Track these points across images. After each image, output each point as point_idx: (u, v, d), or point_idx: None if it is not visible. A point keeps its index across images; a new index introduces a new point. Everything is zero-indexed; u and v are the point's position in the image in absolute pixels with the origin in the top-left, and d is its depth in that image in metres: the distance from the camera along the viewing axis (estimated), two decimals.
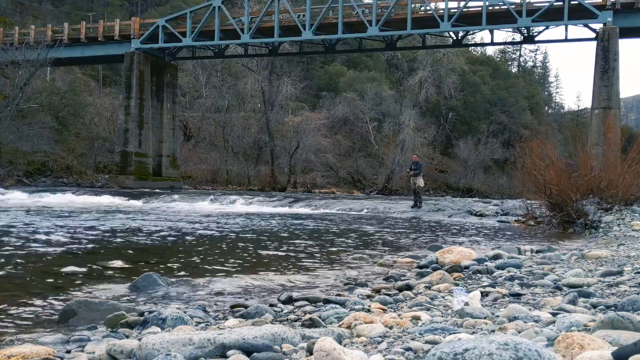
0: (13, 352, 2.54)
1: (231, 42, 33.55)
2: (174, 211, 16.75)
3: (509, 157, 46.88)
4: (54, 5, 49.78)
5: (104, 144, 37.89)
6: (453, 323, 2.94)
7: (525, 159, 14.04)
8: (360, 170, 46.65)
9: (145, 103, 33.38)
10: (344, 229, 11.77)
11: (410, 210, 18.08)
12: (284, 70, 45.68)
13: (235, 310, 3.80)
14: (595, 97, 26.80)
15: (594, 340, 2.04)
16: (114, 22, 34.49)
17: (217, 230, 10.80)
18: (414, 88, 45.37)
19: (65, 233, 9.09)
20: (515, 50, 75.46)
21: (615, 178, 13.23)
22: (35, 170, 32.17)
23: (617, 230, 9.80)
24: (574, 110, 75.67)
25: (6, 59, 32.23)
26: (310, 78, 53.84)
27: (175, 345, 2.36)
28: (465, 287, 4.37)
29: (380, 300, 3.94)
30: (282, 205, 20.59)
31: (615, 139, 22.40)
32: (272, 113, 42.58)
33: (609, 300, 3.43)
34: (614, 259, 5.62)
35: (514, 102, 57.42)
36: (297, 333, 2.67)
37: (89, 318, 3.58)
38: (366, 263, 6.51)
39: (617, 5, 26.17)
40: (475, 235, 10.89)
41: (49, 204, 18.51)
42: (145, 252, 7.55)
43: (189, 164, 41.06)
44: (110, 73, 47.99)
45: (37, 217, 12.50)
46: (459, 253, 6.14)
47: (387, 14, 29.09)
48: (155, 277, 4.83)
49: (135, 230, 10.14)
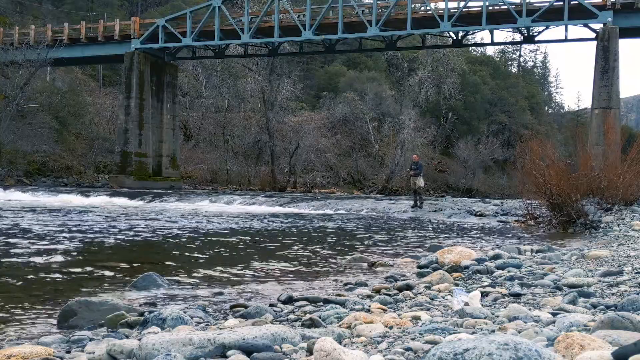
0: (13, 352, 2.54)
1: (231, 42, 33.56)
2: (174, 211, 16.74)
3: (509, 157, 46.89)
4: (54, 5, 49.78)
5: (104, 144, 37.90)
6: (453, 323, 2.94)
7: (525, 159, 14.04)
8: (360, 170, 46.65)
9: (145, 103, 33.38)
10: (344, 229, 11.77)
11: (410, 210, 18.08)
12: (284, 70, 45.69)
13: (235, 310, 3.80)
14: (595, 97, 26.80)
15: (594, 340, 2.04)
16: (114, 22, 34.51)
17: (217, 230, 10.80)
18: (414, 88, 45.38)
19: (65, 233, 9.09)
20: (515, 50, 75.48)
21: (615, 178, 13.24)
22: (35, 170, 32.18)
23: (617, 230, 9.79)
24: (574, 110, 75.63)
25: (6, 59, 32.24)
26: (310, 78, 53.85)
27: (175, 345, 2.36)
28: (465, 287, 4.37)
29: (380, 300, 3.94)
30: (282, 205, 20.58)
31: (615, 139, 22.40)
32: (272, 113, 42.59)
33: (609, 300, 3.43)
34: (614, 259, 5.62)
35: (514, 102, 57.43)
36: (297, 333, 2.67)
37: (89, 318, 3.58)
38: (366, 263, 6.51)
39: (617, 5, 26.17)
40: (475, 235, 10.89)
41: (49, 204, 18.51)
42: (145, 252, 7.55)
43: (189, 164, 41.06)
44: (110, 73, 47.99)
45: (37, 217, 12.49)
46: (459, 253, 6.14)
47: (387, 14, 29.09)
48: (155, 277, 4.83)
49: (135, 230, 10.14)
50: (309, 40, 32.27)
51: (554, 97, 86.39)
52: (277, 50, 35.33)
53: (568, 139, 35.54)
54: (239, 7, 36.05)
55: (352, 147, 47.76)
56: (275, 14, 31.10)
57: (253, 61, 42.37)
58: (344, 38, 31.68)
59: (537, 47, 77.02)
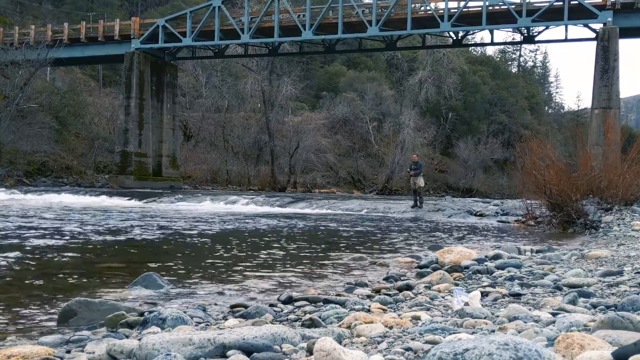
0: (13, 352, 2.54)
1: (231, 42, 33.55)
2: (174, 211, 16.74)
3: (509, 157, 46.89)
4: (54, 5, 49.78)
5: (104, 144, 37.90)
6: (453, 323, 2.94)
7: (525, 159, 14.04)
8: (360, 170, 46.66)
9: (145, 103, 33.38)
10: (344, 229, 11.77)
11: (410, 210, 18.08)
12: (284, 70, 45.69)
13: (235, 310, 3.80)
14: (595, 97, 26.80)
15: (594, 340, 2.04)
16: (114, 22, 34.50)
17: (217, 230, 10.80)
18: (414, 88, 45.38)
19: (65, 233, 9.09)
20: (515, 50, 75.50)
21: (615, 178, 13.25)
22: (35, 170, 32.17)
23: (617, 230, 9.79)
24: (574, 110, 75.63)
25: (6, 59, 32.23)
26: (310, 78, 53.85)
27: (175, 345, 2.36)
28: (465, 287, 4.37)
29: (380, 300, 3.94)
30: (282, 205, 20.58)
31: (615, 139, 22.40)
32: (272, 113, 42.60)
33: (609, 300, 3.43)
34: (614, 259, 5.62)
35: (514, 102, 57.45)
36: (297, 333, 2.67)
37: (89, 318, 3.58)
38: (366, 263, 6.51)
39: (617, 5, 26.17)
40: (475, 235, 10.89)
41: (49, 204, 18.51)
42: (145, 252, 7.55)
43: (189, 164, 41.06)
44: (110, 73, 48.00)
45: (37, 217, 12.49)
46: (459, 253, 6.14)
47: (387, 14, 29.09)
48: (155, 277, 4.83)
49: (135, 230, 10.14)
50: (309, 40, 32.27)
51: (554, 97, 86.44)
52: (277, 50, 35.33)
53: (568, 139, 35.53)
54: (239, 7, 36.05)
55: (352, 147, 47.76)
56: (275, 14, 31.10)
57: (253, 61, 42.37)
58: (344, 38, 31.68)
59: (537, 47, 77.14)
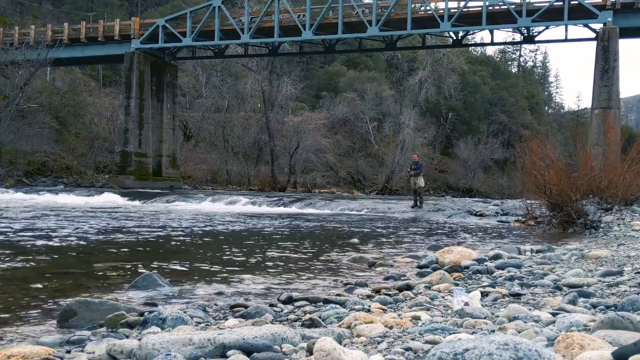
0: (13, 352, 2.54)
1: (231, 42, 33.55)
2: (174, 211, 16.74)
3: (509, 157, 46.87)
4: (54, 5, 49.78)
5: (104, 144, 37.89)
6: (453, 323, 2.94)
7: (525, 159, 14.04)
8: (360, 170, 46.65)
9: (145, 103, 33.38)
10: (344, 229, 11.78)
11: (410, 210, 18.08)
12: (284, 70, 45.68)
13: (235, 310, 3.80)
14: (595, 97, 26.79)
15: (593, 340, 2.04)
16: (114, 22, 34.49)
17: (217, 230, 10.80)
18: (414, 88, 45.38)
19: (65, 233, 9.09)
20: (515, 50, 75.46)
21: (615, 178, 13.24)
22: (35, 170, 32.17)
23: (617, 230, 9.79)
24: (574, 110, 75.62)
25: (6, 59, 32.22)
26: (310, 78, 53.84)
27: (175, 345, 2.36)
28: (465, 287, 4.37)
29: (380, 300, 3.94)
30: (282, 205, 20.58)
31: (615, 139, 22.39)
32: (272, 113, 42.59)
33: (609, 300, 3.43)
34: (614, 259, 5.62)
35: (514, 102, 57.44)
36: (297, 333, 2.67)
37: (89, 318, 3.58)
38: (366, 263, 6.51)
39: (617, 5, 26.17)
40: (475, 235, 10.89)
41: (49, 204, 18.51)
42: (145, 252, 7.55)
43: (189, 164, 41.06)
44: (110, 73, 47.99)
45: (37, 217, 12.49)
46: (459, 253, 6.14)
47: (387, 14, 29.09)
48: (155, 277, 4.84)
49: (135, 230, 10.14)
50: (309, 40, 32.26)
51: (554, 97, 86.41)
52: (277, 50, 35.32)
53: (568, 139, 35.53)
54: (239, 7, 36.04)
55: (352, 147, 47.76)
56: (275, 14, 31.09)
57: (253, 61, 42.36)
58: (344, 38, 31.67)
59: (537, 47, 77.10)
